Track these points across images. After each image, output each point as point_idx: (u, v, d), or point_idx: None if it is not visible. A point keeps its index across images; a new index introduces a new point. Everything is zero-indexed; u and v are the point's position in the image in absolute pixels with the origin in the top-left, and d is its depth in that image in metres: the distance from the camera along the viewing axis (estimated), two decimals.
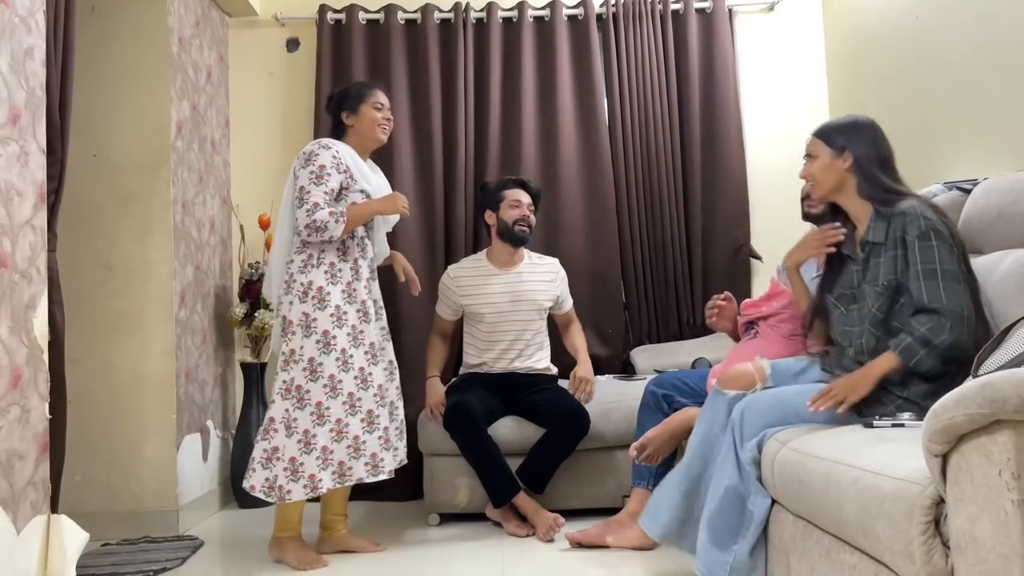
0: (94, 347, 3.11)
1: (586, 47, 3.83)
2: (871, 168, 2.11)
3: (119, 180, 3.17)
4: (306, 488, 2.56)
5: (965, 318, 1.91)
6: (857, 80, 3.68)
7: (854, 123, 2.18)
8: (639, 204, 3.81)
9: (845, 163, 2.13)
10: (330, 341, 2.62)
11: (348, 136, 2.82)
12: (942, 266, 1.94)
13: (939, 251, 1.95)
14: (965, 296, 1.93)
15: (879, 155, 2.13)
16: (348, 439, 2.61)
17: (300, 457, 2.57)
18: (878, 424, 1.87)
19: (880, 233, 2.05)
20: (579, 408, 3.00)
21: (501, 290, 3.24)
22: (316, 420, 2.59)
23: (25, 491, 2.11)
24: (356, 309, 2.69)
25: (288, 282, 2.70)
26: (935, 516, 1.35)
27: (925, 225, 1.97)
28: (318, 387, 2.60)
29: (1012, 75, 2.64)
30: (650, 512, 2.24)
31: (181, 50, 3.33)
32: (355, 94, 2.83)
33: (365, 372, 2.66)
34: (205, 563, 2.76)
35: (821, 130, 2.21)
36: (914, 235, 1.98)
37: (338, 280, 2.68)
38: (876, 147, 2.13)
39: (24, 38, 2.17)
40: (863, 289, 2.08)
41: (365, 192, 2.75)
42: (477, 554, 2.72)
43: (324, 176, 2.65)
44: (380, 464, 2.63)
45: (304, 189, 2.65)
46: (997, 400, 1.20)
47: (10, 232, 2.10)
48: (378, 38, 3.84)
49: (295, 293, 2.66)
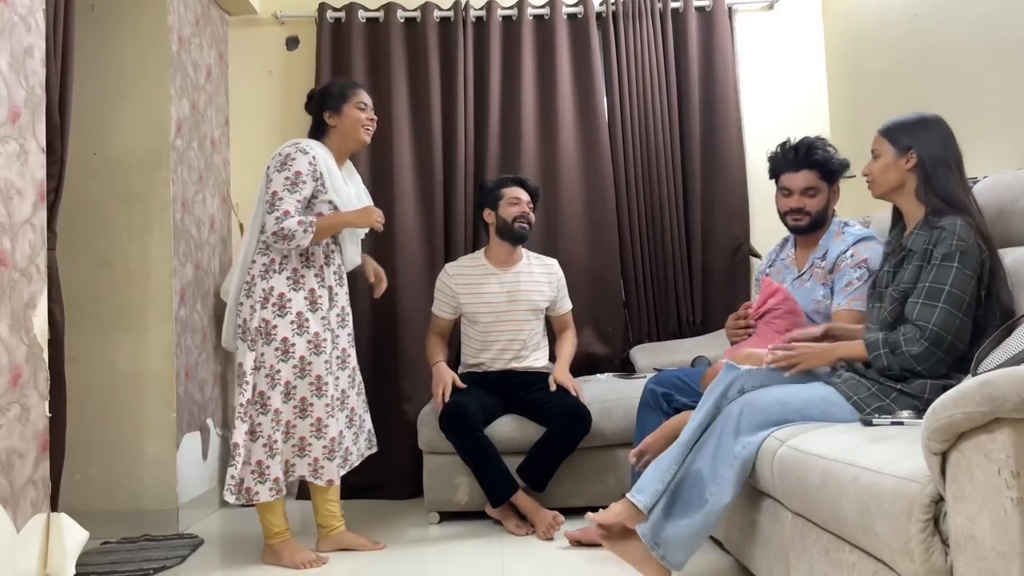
0: (94, 346, 3.11)
1: (586, 45, 3.83)
2: (935, 170, 2.06)
3: (119, 178, 3.17)
4: (271, 490, 2.58)
5: (945, 342, 1.91)
6: (857, 78, 3.68)
7: (922, 121, 2.12)
8: (639, 202, 3.81)
9: (908, 163, 2.10)
10: (288, 349, 2.62)
11: (329, 136, 2.78)
12: (950, 288, 1.93)
13: (955, 274, 1.93)
14: (957, 324, 1.92)
15: (945, 157, 2.07)
16: (294, 439, 2.64)
17: (266, 460, 2.59)
18: (877, 422, 1.87)
19: (920, 242, 2.03)
20: (580, 406, 3.00)
21: (498, 290, 3.24)
22: (273, 426, 2.60)
23: (25, 489, 2.11)
24: (320, 317, 2.67)
25: (248, 284, 2.67)
26: (934, 514, 1.35)
27: (955, 247, 1.94)
28: (276, 394, 2.61)
29: (1012, 73, 2.64)
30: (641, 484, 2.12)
31: (181, 48, 3.33)
32: (338, 93, 2.78)
33: (322, 381, 2.65)
34: (205, 561, 2.76)
35: (887, 127, 2.16)
36: (940, 252, 1.96)
37: (300, 287, 2.66)
38: (944, 148, 2.08)
39: (24, 36, 2.17)
40: (888, 292, 2.09)
41: (332, 203, 2.69)
42: (477, 552, 2.72)
43: (299, 183, 2.60)
44: (320, 471, 2.65)
45: (276, 195, 2.59)
46: (996, 398, 1.20)
47: (10, 231, 2.10)
48: (378, 36, 3.84)
49: (256, 298, 2.64)
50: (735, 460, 1.98)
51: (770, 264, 2.81)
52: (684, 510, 1.99)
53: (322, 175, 2.67)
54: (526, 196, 3.25)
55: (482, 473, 2.95)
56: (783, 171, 2.62)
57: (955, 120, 2.82)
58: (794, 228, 2.64)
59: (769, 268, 2.80)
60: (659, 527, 2.00)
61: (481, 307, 3.23)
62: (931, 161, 2.07)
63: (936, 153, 2.07)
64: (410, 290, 3.71)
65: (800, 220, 2.59)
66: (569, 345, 3.33)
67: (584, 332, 3.68)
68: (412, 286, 3.71)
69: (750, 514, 2.12)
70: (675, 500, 2.02)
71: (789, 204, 2.60)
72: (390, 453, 3.57)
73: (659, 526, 2.01)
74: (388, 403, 3.63)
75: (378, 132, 3.78)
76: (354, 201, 2.80)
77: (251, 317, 2.63)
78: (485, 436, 2.97)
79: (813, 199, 2.57)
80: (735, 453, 1.99)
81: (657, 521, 2.01)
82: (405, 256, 3.72)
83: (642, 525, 2.01)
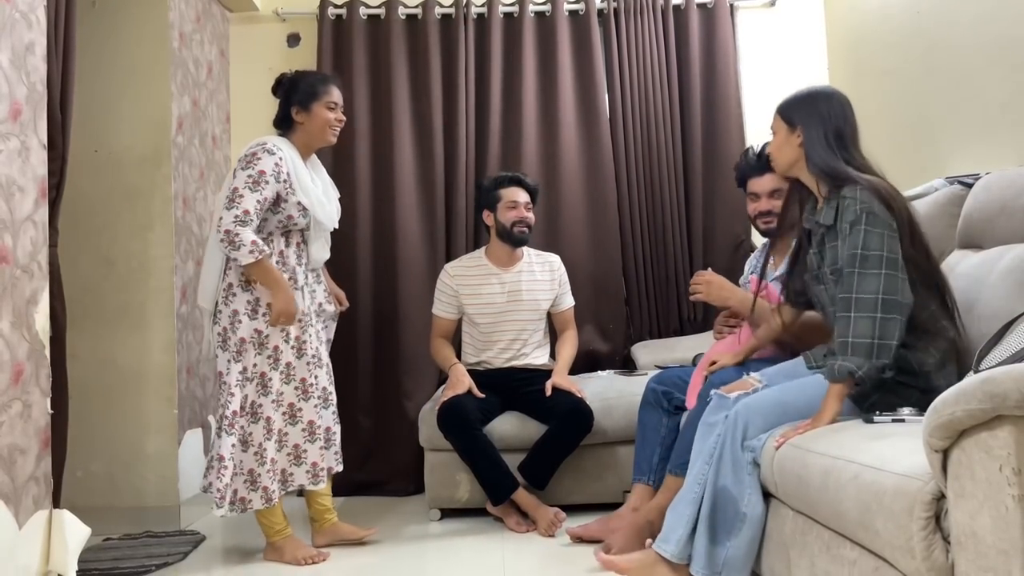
0: (95, 342, 3.12)
1: (587, 42, 3.82)
2: (818, 145, 2.06)
3: (120, 175, 3.17)
4: (262, 499, 2.58)
5: (879, 301, 1.87)
6: (858, 75, 3.68)
7: (809, 95, 2.14)
8: (640, 199, 3.81)
9: (798, 139, 2.11)
10: (279, 356, 2.62)
11: (295, 133, 2.71)
12: (863, 251, 1.90)
13: (866, 236, 1.91)
14: (883, 281, 1.88)
15: (832, 129, 2.06)
16: (288, 447, 2.64)
17: (257, 469, 2.58)
18: (878, 419, 1.87)
19: (830, 216, 2.03)
20: (583, 405, 3.00)
21: (500, 290, 3.23)
22: (265, 434, 2.59)
23: (27, 486, 2.11)
24: (297, 319, 2.64)
25: (227, 292, 2.61)
26: (935, 511, 1.35)
27: (860, 209, 1.93)
28: (268, 401, 2.60)
29: (1014, 69, 2.63)
30: (665, 533, 2.09)
31: (182, 45, 3.32)
32: (308, 89, 2.70)
33: (307, 383, 2.65)
34: (207, 558, 2.76)
35: (781, 104, 2.19)
36: (848, 220, 1.96)
37: (229, 302, 2.61)
38: (829, 121, 2.07)
39: (25, 33, 2.17)
40: (824, 272, 2.09)
41: (302, 204, 2.62)
42: (478, 549, 2.73)
43: (261, 183, 2.52)
44: (320, 473, 2.67)
45: (237, 191, 2.51)
46: (998, 395, 1.20)
47: (11, 227, 2.10)
48: (379, 33, 3.84)
49: (242, 307, 2.58)
50: (750, 466, 2.00)
51: (752, 272, 2.84)
52: (728, 531, 1.98)
53: (289, 176, 2.60)
54: (524, 197, 3.22)
55: (481, 472, 2.95)
56: (749, 176, 2.68)
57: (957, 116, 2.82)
58: (765, 231, 2.69)
59: (752, 276, 2.83)
60: (713, 557, 1.97)
61: (483, 307, 3.22)
62: (810, 136, 2.08)
63: (820, 128, 2.07)
64: (411, 288, 3.71)
65: (770, 223, 2.63)
66: (569, 347, 3.28)
67: (585, 329, 3.68)
68: (413, 284, 3.71)
69: None
70: (715, 524, 1.99)
71: (758, 208, 2.66)
72: (391, 450, 3.58)
73: (712, 556, 1.97)
74: (389, 400, 3.64)
75: (379, 130, 3.81)
76: (323, 200, 2.72)
77: (236, 326, 2.58)
78: (484, 435, 2.97)
79: (781, 200, 2.59)
80: (747, 459, 2.01)
81: (706, 552, 1.97)
82: (406, 253, 3.72)
83: (695, 565, 1.98)
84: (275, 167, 2.56)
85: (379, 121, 3.80)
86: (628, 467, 2.89)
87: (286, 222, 2.64)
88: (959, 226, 2.41)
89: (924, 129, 3.12)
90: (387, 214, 3.75)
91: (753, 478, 1.99)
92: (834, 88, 2.16)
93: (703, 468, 2.05)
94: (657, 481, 2.61)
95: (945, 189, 2.58)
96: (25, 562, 2.08)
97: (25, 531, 2.09)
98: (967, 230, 2.36)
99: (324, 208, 2.72)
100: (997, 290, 2.07)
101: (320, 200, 2.70)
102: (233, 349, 2.58)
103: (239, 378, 2.58)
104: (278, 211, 2.61)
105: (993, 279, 2.09)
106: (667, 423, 2.68)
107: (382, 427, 3.66)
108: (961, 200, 2.46)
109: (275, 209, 2.61)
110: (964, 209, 2.41)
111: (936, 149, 3.06)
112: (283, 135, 2.73)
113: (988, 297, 2.08)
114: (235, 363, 2.58)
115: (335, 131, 2.75)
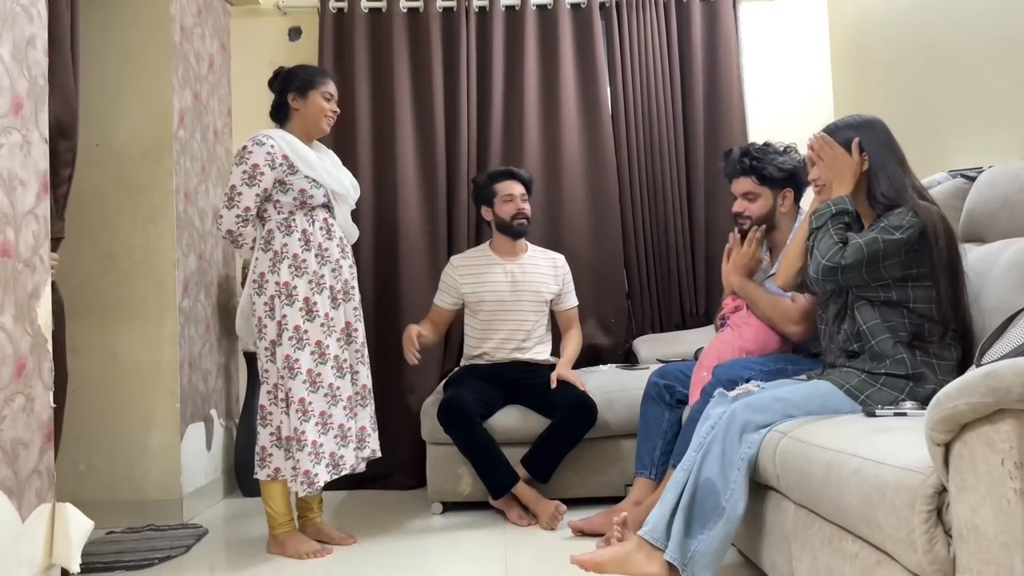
0: (97, 336, 3.12)
1: (589, 36, 3.82)
2: (877, 173, 2.08)
3: (121, 169, 3.17)
4: (328, 468, 2.60)
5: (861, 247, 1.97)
6: (861, 68, 3.67)
7: (865, 122, 2.14)
8: (642, 193, 3.80)
9: (863, 165, 2.11)
10: (317, 342, 2.63)
11: (291, 121, 2.75)
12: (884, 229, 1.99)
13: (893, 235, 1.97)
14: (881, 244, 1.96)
15: (886, 159, 2.10)
16: (334, 429, 2.65)
17: (320, 439, 2.60)
18: (880, 413, 1.87)
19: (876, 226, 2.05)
20: (586, 399, 3.00)
21: (504, 279, 3.26)
22: (301, 417, 2.58)
23: (30, 479, 2.12)
24: (328, 297, 2.67)
25: (259, 283, 2.65)
26: (937, 505, 1.35)
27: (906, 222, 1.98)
28: (299, 385, 2.59)
29: (1017, 63, 2.63)
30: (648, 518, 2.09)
31: (183, 39, 3.32)
32: (306, 77, 2.76)
33: (340, 359, 2.68)
34: (209, 551, 2.77)
35: (831, 129, 2.18)
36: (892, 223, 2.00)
37: (303, 272, 2.64)
38: (886, 149, 2.10)
39: (26, 27, 2.16)
40: None
41: (311, 179, 2.66)
42: (480, 542, 2.73)
43: (256, 176, 2.59)
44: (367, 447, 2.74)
45: (235, 188, 2.59)
46: (1000, 389, 1.20)
47: (13, 222, 2.10)
48: (380, 27, 3.83)
49: (282, 299, 2.61)
50: (742, 462, 1.98)
51: None
52: (703, 523, 1.95)
53: (286, 158, 2.63)
54: (520, 189, 3.25)
55: (481, 466, 2.96)
56: (728, 178, 2.77)
57: (960, 110, 2.81)
58: (740, 231, 2.73)
59: None
60: (684, 547, 1.95)
61: (485, 294, 3.25)
62: (875, 164, 2.10)
63: (879, 156, 2.10)
64: (413, 280, 3.71)
65: (743, 224, 2.70)
66: (574, 344, 3.32)
67: (587, 323, 3.68)
68: (415, 276, 3.71)
69: (752, 506, 2.12)
70: (691, 515, 1.97)
71: (734, 208, 2.74)
72: (394, 444, 3.58)
73: (683, 546, 1.95)
74: (392, 394, 3.64)
75: (381, 123, 3.80)
76: (332, 171, 2.77)
77: (284, 319, 2.60)
78: (484, 429, 2.98)
79: (753, 203, 2.68)
80: (740, 455, 1.99)
81: (679, 540, 1.95)
82: (408, 246, 3.72)
83: (670, 551, 1.95)
84: (267, 156, 2.61)
85: (380, 115, 3.80)
86: (630, 461, 2.90)
87: (300, 196, 2.66)
88: (961, 220, 2.40)
89: (927, 122, 3.12)
90: (389, 208, 3.75)
91: (742, 475, 1.97)
92: (875, 116, 2.17)
93: (691, 456, 2.05)
94: (659, 475, 2.62)
95: (948, 183, 2.57)
96: (29, 556, 2.09)
97: (28, 524, 2.09)
98: (970, 224, 2.36)
99: (334, 176, 2.77)
100: (1000, 284, 2.06)
101: (328, 170, 2.76)
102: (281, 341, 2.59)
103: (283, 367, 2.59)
104: (287, 190, 2.65)
105: (996, 273, 2.09)
106: (669, 417, 2.69)
107: (384, 421, 3.65)
108: (964, 194, 2.45)
109: (283, 189, 2.64)
110: (967, 203, 2.40)
111: (939, 142, 3.05)
112: (280, 127, 2.77)
113: (990, 291, 2.08)
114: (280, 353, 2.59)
115: (330, 120, 2.79)
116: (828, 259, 2.02)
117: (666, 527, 1.99)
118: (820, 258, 2.04)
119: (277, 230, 2.66)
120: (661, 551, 1.98)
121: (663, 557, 1.97)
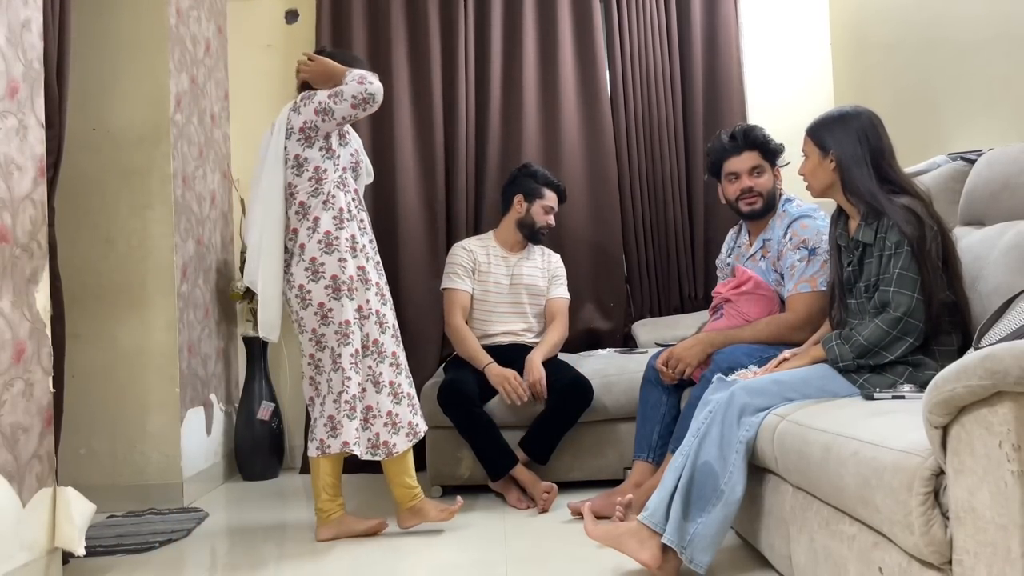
0: (96, 321, 3.12)
1: (588, 19, 3.79)
2: (855, 169, 2.07)
3: (118, 154, 3.16)
4: (408, 436, 2.60)
5: (902, 321, 1.95)
6: (861, 51, 3.65)
7: (840, 117, 2.14)
8: (641, 177, 3.79)
9: (831, 163, 2.12)
10: (376, 311, 2.61)
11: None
12: (901, 272, 1.97)
13: (907, 258, 1.96)
14: (913, 304, 1.94)
15: (859, 153, 2.08)
16: (405, 399, 2.65)
17: (394, 410, 2.60)
18: (878, 396, 1.88)
19: (870, 235, 2.05)
20: (582, 379, 3.02)
21: (504, 272, 3.29)
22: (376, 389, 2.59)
23: (30, 463, 2.12)
24: (372, 265, 2.65)
25: (312, 269, 2.54)
26: (934, 487, 1.35)
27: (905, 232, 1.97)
28: (386, 367, 2.59)
29: (1017, 45, 2.61)
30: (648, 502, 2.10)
31: (179, 22, 3.30)
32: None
33: (379, 344, 2.64)
34: (210, 534, 2.78)
35: (811, 126, 2.19)
36: (893, 241, 1.99)
37: (334, 249, 2.57)
38: (857, 144, 2.08)
39: (21, 10, 2.15)
40: (859, 287, 2.10)
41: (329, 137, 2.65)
42: (479, 525, 2.74)
43: None
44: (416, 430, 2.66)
45: (334, 94, 2.57)
46: (998, 372, 1.20)
47: (10, 206, 2.10)
48: (378, 9, 3.80)
49: (325, 277, 2.54)
50: (740, 444, 1.99)
51: (729, 252, 2.84)
52: (702, 506, 1.96)
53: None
54: (557, 206, 3.34)
55: (480, 448, 2.97)
56: (726, 158, 2.68)
57: (960, 92, 2.80)
58: (749, 213, 2.67)
59: (729, 257, 2.82)
60: (682, 530, 1.96)
61: (489, 286, 3.27)
62: (845, 161, 2.09)
63: (849, 152, 2.08)
64: (411, 265, 3.71)
65: (754, 202, 2.63)
66: (555, 334, 3.24)
67: (586, 307, 3.68)
68: (413, 262, 3.71)
69: (751, 488, 2.13)
70: (690, 498, 1.97)
71: (740, 187, 2.64)
72: None
73: (682, 529, 1.96)
74: None
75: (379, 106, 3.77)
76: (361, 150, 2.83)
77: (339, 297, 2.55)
78: (483, 411, 2.99)
79: (761, 178, 2.63)
80: (739, 437, 2.00)
81: (678, 523, 1.96)
82: (406, 229, 3.72)
83: (668, 534, 1.96)
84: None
85: None
86: (628, 444, 2.91)
87: (350, 160, 2.71)
88: (961, 202, 2.40)
89: (927, 105, 3.10)
90: (387, 192, 3.74)
91: (740, 458, 1.98)
92: (864, 107, 2.15)
93: (690, 442, 2.06)
94: (658, 458, 2.63)
95: (947, 165, 2.56)
96: (31, 539, 2.10)
97: (29, 508, 2.10)
98: (969, 207, 2.35)
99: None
100: (999, 267, 2.06)
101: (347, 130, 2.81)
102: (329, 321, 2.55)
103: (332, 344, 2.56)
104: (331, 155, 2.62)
105: (995, 255, 2.09)
106: (668, 401, 2.69)
107: None
108: (963, 176, 2.45)
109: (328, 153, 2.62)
110: (966, 185, 2.40)
111: (939, 125, 3.04)
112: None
113: (990, 274, 2.08)
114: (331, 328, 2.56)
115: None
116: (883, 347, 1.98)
117: (665, 511, 2.00)
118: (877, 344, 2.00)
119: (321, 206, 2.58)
120: (658, 536, 1.99)
121: (658, 542, 1.98)
